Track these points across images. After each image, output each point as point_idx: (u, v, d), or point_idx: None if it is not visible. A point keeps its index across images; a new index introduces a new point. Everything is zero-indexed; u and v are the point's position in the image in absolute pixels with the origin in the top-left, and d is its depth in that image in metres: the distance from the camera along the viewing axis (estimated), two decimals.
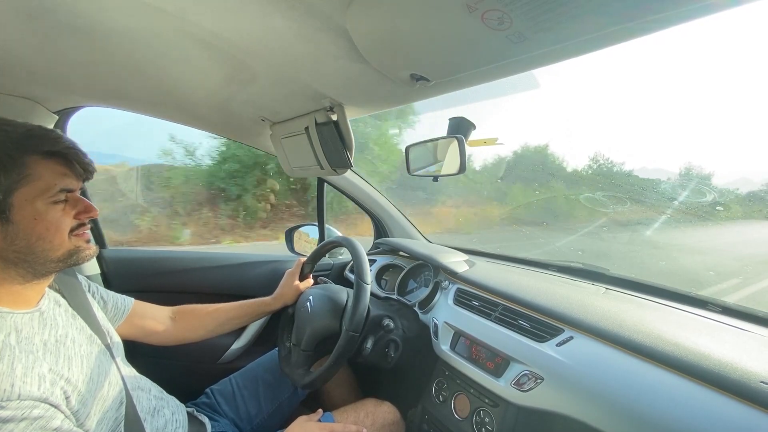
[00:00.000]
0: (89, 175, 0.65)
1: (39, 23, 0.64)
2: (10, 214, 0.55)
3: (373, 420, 0.93)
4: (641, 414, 0.59)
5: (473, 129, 0.97)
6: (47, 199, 0.58)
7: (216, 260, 1.44)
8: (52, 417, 0.50)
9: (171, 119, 1.19)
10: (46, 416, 0.49)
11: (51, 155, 0.58)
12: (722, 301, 0.86)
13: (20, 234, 0.56)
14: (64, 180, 0.60)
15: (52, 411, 0.51)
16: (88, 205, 0.64)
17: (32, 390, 0.49)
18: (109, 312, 0.83)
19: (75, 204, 0.62)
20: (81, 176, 0.63)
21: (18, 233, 0.56)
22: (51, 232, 0.58)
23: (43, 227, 0.57)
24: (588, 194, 3.22)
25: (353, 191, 1.57)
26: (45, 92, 0.95)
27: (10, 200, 0.54)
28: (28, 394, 0.49)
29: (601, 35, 0.46)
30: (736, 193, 2.76)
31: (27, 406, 0.48)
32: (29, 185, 0.56)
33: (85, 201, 0.64)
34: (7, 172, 0.54)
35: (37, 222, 0.57)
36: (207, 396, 1.01)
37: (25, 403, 0.48)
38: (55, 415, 0.51)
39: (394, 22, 0.51)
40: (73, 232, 0.62)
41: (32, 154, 0.56)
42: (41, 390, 0.50)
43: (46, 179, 0.57)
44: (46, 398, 0.51)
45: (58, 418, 0.51)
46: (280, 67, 0.74)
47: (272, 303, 1.09)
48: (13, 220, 0.55)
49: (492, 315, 0.93)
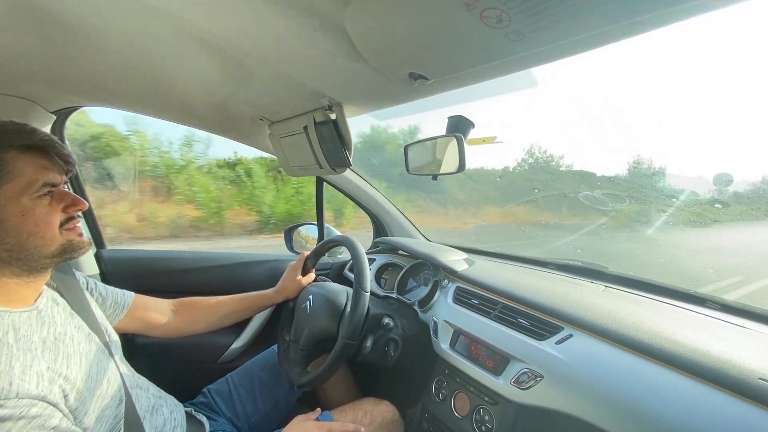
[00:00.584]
0: (71, 167, 0.64)
1: (35, 23, 0.64)
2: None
3: (371, 419, 0.93)
4: (640, 411, 0.60)
5: (472, 127, 0.96)
6: (32, 194, 0.57)
7: (215, 260, 1.44)
8: (50, 416, 0.50)
9: (169, 119, 1.18)
10: (44, 415, 0.49)
11: (28, 149, 0.58)
12: (721, 298, 0.86)
13: (10, 232, 0.56)
14: (47, 174, 0.59)
15: (50, 409, 0.51)
16: (75, 198, 0.63)
17: (30, 388, 0.49)
18: (108, 308, 0.83)
19: (61, 198, 0.62)
20: (63, 169, 0.63)
21: (8, 231, 0.55)
22: (41, 227, 0.58)
23: (32, 223, 0.57)
24: (587, 192, 3.21)
25: (352, 190, 1.57)
26: (42, 92, 0.95)
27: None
28: (27, 393, 0.48)
29: (598, 33, 0.46)
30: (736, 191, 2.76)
31: (25, 405, 0.48)
32: (11, 182, 0.55)
33: (71, 194, 0.63)
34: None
35: (26, 218, 0.57)
36: (204, 396, 1.01)
37: (23, 401, 0.48)
38: (53, 413, 0.51)
39: (393, 20, 0.51)
40: (63, 226, 0.62)
41: (9, 149, 0.56)
42: (39, 388, 0.50)
43: (28, 175, 0.57)
44: (44, 396, 0.50)
45: (56, 417, 0.51)
46: (279, 66, 0.74)
47: (274, 296, 1.09)
48: (0, 218, 0.55)
49: (491, 313, 0.93)
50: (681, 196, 2.59)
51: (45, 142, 0.59)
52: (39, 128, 0.61)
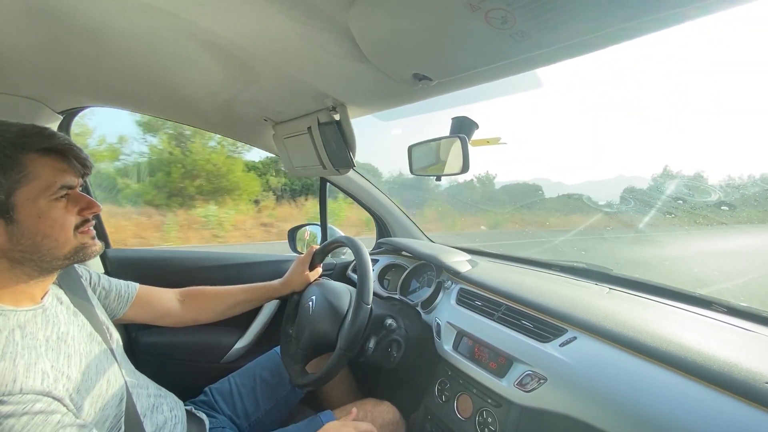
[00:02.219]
0: (87, 170, 0.65)
1: (43, 24, 0.64)
2: (14, 214, 0.55)
3: (372, 420, 0.93)
4: (645, 414, 0.59)
5: (476, 128, 0.96)
6: (49, 196, 0.58)
7: (219, 259, 1.44)
8: (55, 411, 0.51)
9: (174, 119, 1.19)
10: (48, 410, 0.50)
11: (47, 152, 0.59)
12: (727, 301, 0.85)
13: (25, 233, 0.56)
14: (64, 177, 0.60)
15: (55, 405, 0.51)
16: (90, 201, 0.64)
17: (35, 384, 0.50)
18: (113, 300, 0.84)
19: (77, 201, 0.63)
20: (79, 172, 0.63)
21: (23, 233, 0.56)
22: (56, 229, 0.59)
23: (47, 225, 0.58)
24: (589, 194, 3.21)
25: (356, 191, 1.58)
26: (49, 93, 0.95)
27: (12, 200, 0.55)
28: (31, 388, 0.49)
29: (604, 34, 0.46)
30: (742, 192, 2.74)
31: (29, 400, 0.48)
32: (29, 184, 0.56)
33: (86, 197, 0.64)
34: (6, 172, 0.54)
35: (42, 220, 0.57)
36: (205, 394, 1.01)
37: (27, 397, 0.48)
38: (57, 408, 0.51)
39: (397, 21, 0.51)
40: (77, 228, 0.62)
41: (29, 152, 0.57)
42: (44, 384, 0.51)
43: (46, 177, 0.58)
44: (49, 392, 0.51)
45: (60, 412, 0.51)
46: (283, 67, 0.74)
47: (280, 288, 1.10)
48: (17, 219, 0.55)
49: (495, 315, 0.93)
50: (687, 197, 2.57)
51: (64, 145, 0.60)
52: (57, 132, 0.61)
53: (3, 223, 0.55)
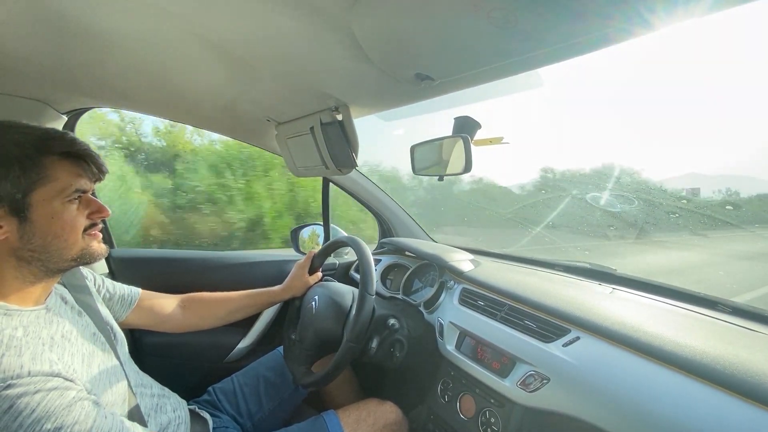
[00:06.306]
0: (102, 176, 0.67)
1: (47, 27, 0.65)
2: (28, 213, 0.57)
3: (374, 419, 0.93)
4: (648, 415, 0.59)
5: (479, 128, 0.96)
6: (63, 198, 0.60)
7: (223, 260, 1.45)
8: (69, 387, 0.51)
9: (178, 120, 1.20)
10: (62, 387, 0.50)
11: (67, 156, 0.61)
12: (732, 301, 0.85)
13: (37, 233, 0.58)
14: (79, 181, 0.62)
15: (67, 383, 0.52)
16: (101, 205, 0.66)
17: (43, 368, 0.50)
18: (116, 304, 0.85)
19: (88, 204, 0.64)
20: (94, 177, 0.65)
21: (35, 232, 0.57)
22: (66, 231, 0.60)
23: (59, 226, 0.59)
24: (595, 193, 3.20)
25: (358, 191, 1.58)
26: (54, 94, 0.96)
27: (28, 200, 0.56)
28: (39, 371, 0.49)
29: (605, 33, 0.46)
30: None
31: (39, 381, 0.49)
32: (47, 185, 0.58)
33: (97, 201, 0.66)
34: (26, 172, 0.56)
35: (54, 221, 0.59)
36: (209, 394, 1.02)
37: (36, 378, 0.49)
38: (71, 386, 0.52)
39: (399, 21, 0.51)
40: (86, 231, 0.64)
41: (50, 155, 0.58)
42: (53, 368, 0.51)
43: (63, 180, 0.59)
44: (59, 373, 0.51)
45: (75, 389, 0.52)
46: (285, 67, 0.75)
47: (281, 293, 1.10)
48: (30, 219, 0.57)
49: (498, 315, 0.93)
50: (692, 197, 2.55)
51: (84, 151, 0.62)
52: (78, 137, 0.63)
53: (16, 222, 0.56)
